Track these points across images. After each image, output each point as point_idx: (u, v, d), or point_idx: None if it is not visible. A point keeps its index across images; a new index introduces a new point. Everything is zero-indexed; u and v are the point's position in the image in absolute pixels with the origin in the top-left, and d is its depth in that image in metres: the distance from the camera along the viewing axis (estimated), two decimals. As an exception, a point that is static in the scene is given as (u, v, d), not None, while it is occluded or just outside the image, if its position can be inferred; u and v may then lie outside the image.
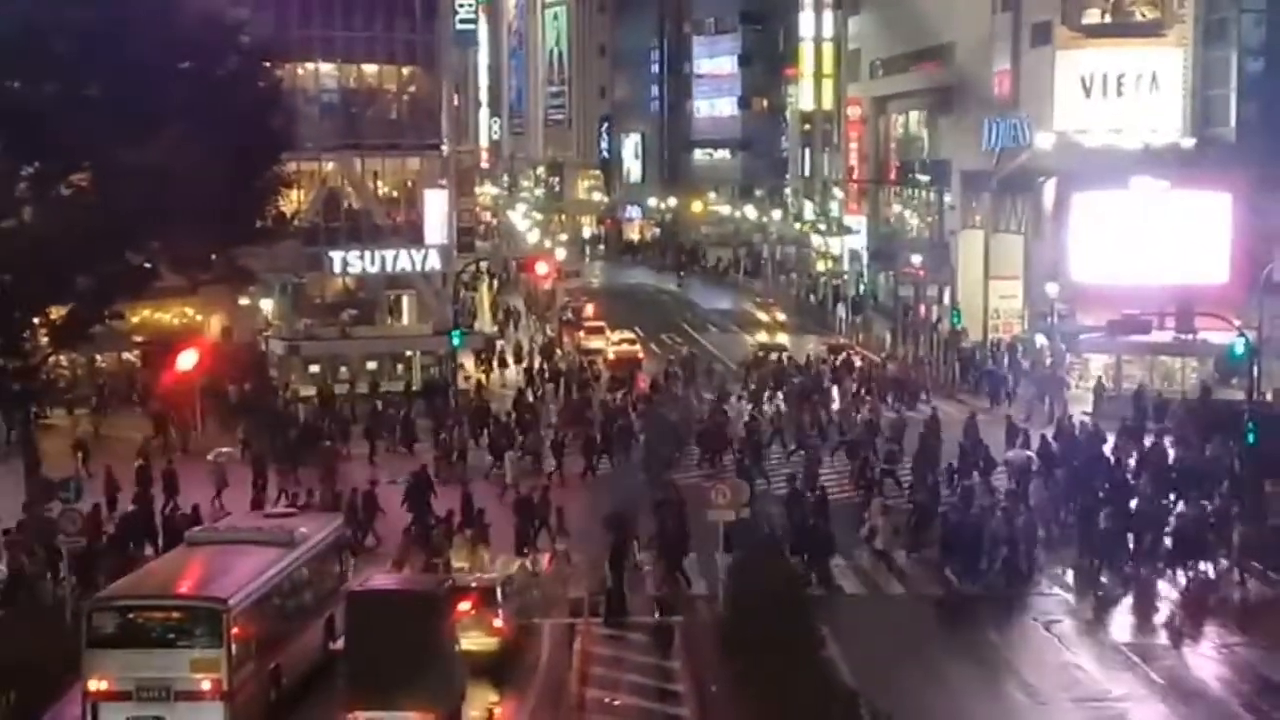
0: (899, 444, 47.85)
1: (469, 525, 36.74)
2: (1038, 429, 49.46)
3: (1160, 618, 34.33)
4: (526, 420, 51.69)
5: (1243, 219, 60.41)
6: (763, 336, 78.58)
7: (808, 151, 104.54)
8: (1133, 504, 38.75)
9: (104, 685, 26.05)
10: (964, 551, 36.26)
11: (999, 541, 36.24)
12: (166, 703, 25.94)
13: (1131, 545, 36.53)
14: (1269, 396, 51.74)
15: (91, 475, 44.16)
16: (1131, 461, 44.80)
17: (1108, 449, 46.43)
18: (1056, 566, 37.11)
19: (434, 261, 70.85)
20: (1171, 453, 45.62)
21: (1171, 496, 40.53)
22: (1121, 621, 34.06)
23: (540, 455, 47.80)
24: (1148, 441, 47.13)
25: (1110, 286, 58.70)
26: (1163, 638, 33.06)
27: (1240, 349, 47.98)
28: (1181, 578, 35.94)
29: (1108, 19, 65.72)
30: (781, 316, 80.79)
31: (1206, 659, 31.72)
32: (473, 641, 28.96)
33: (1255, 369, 48.68)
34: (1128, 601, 35.19)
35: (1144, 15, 65.53)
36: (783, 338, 77.62)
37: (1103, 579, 35.97)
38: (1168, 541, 36.81)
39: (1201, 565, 36.00)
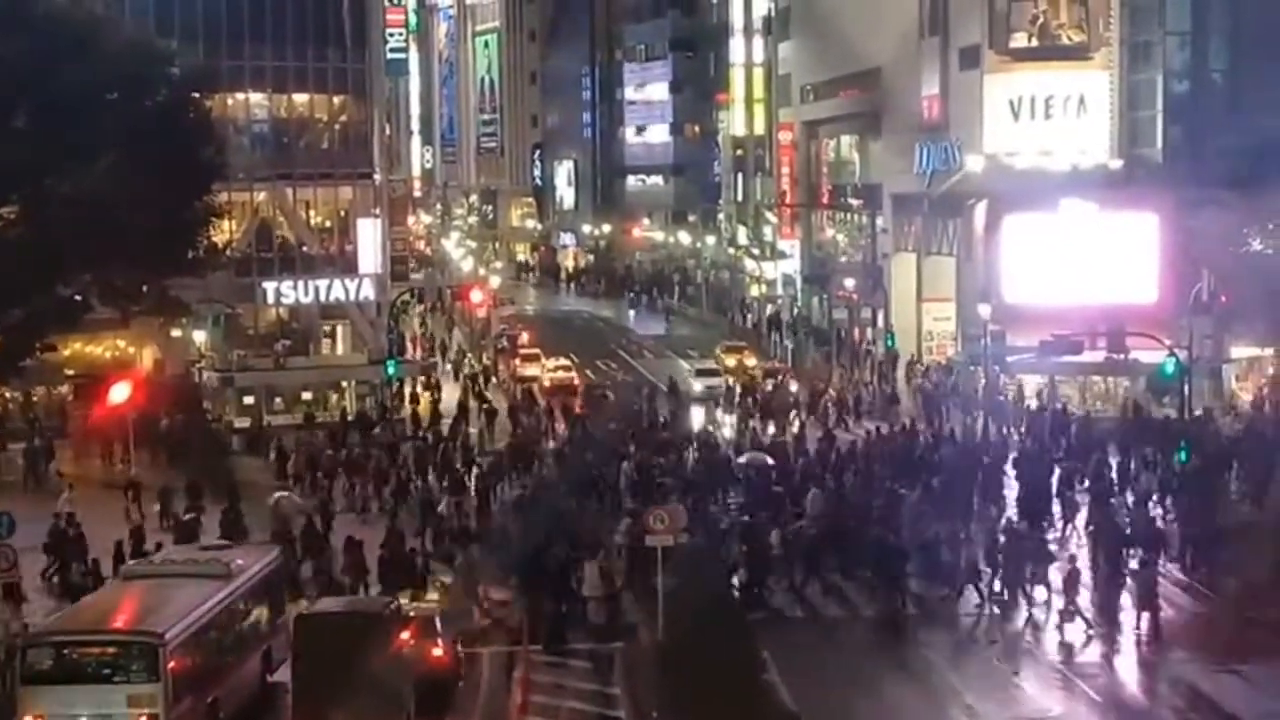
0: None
1: None
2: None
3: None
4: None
5: (1171, 239, 61.01)
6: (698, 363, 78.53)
7: (740, 176, 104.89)
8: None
9: (39, 723, 25.78)
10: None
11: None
12: (103, 739, 25.71)
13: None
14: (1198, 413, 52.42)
15: (145, 515, 43.33)
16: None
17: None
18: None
19: (368, 291, 70.54)
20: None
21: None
22: (1058, 640, 34.23)
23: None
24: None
25: (1042, 307, 59.10)
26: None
27: (1171, 368, 48.49)
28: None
29: (1035, 43, 66.24)
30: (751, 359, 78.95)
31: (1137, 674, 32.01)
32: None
33: (1186, 387, 49.25)
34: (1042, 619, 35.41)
35: (1070, 39, 66.12)
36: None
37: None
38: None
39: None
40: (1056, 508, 43.19)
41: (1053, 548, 38.31)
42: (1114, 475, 45.43)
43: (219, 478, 46.62)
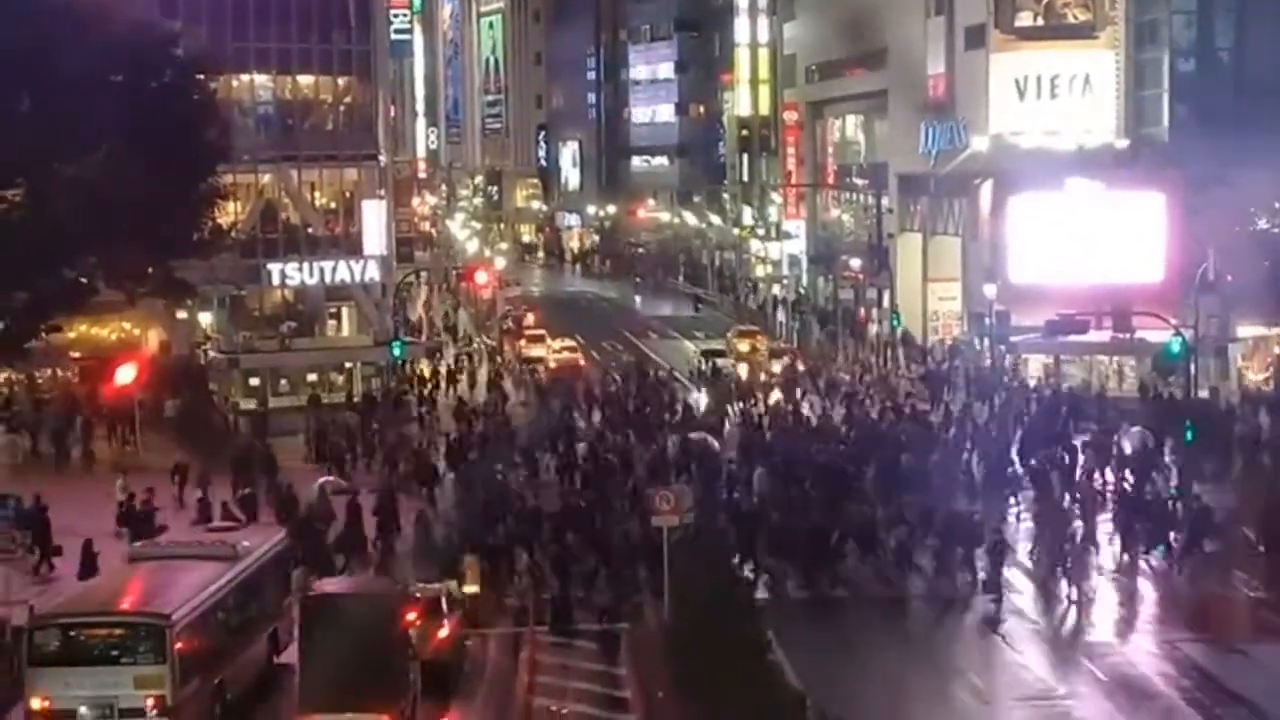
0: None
1: None
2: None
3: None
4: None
5: (1177, 218, 60.91)
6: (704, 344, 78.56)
7: (745, 157, 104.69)
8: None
9: (46, 704, 25.78)
10: None
11: None
12: (110, 720, 25.75)
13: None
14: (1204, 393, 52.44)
15: (185, 503, 43.17)
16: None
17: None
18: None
19: (373, 272, 70.62)
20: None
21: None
22: (1067, 621, 34.25)
23: None
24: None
25: (1048, 287, 59.11)
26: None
27: (1176, 347, 48.43)
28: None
29: (1040, 22, 66.16)
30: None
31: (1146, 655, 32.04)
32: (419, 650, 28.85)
33: (1192, 367, 49.20)
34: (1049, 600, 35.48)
35: (1076, 18, 65.99)
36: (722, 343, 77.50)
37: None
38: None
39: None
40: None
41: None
42: (1065, 455, 45.51)
43: (256, 458, 46.46)
